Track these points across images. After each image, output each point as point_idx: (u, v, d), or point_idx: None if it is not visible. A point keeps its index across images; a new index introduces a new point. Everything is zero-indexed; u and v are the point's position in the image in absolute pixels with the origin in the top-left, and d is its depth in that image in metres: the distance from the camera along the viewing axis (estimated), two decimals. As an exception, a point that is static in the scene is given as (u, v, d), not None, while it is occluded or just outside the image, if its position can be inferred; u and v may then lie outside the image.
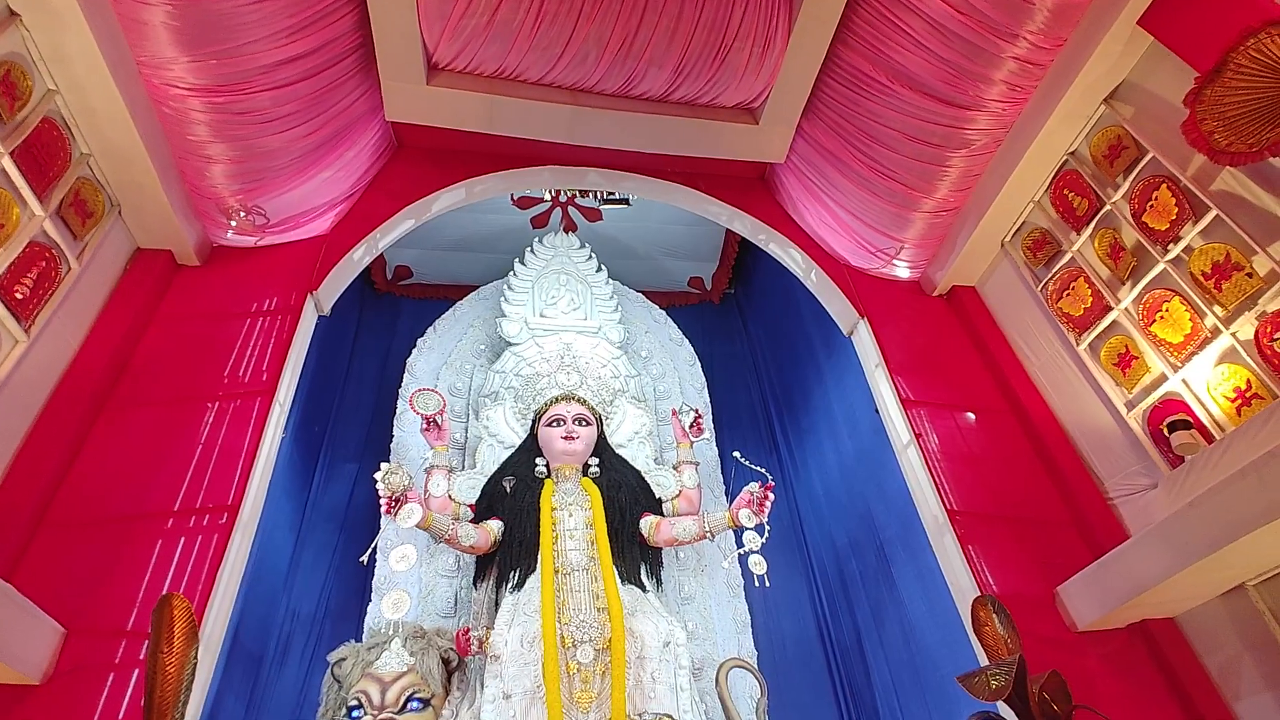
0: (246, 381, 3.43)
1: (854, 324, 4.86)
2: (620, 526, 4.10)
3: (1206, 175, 3.36)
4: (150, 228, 3.72)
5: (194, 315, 3.67)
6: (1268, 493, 2.46)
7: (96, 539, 2.79)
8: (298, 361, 3.78)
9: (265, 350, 3.57)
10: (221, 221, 3.90)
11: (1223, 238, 3.26)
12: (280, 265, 4.11)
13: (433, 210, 5.05)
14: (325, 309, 4.28)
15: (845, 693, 4.89)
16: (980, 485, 3.91)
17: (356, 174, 4.61)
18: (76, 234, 3.27)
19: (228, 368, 3.47)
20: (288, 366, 3.59)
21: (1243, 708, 2.95)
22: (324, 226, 4.46)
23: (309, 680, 4.03)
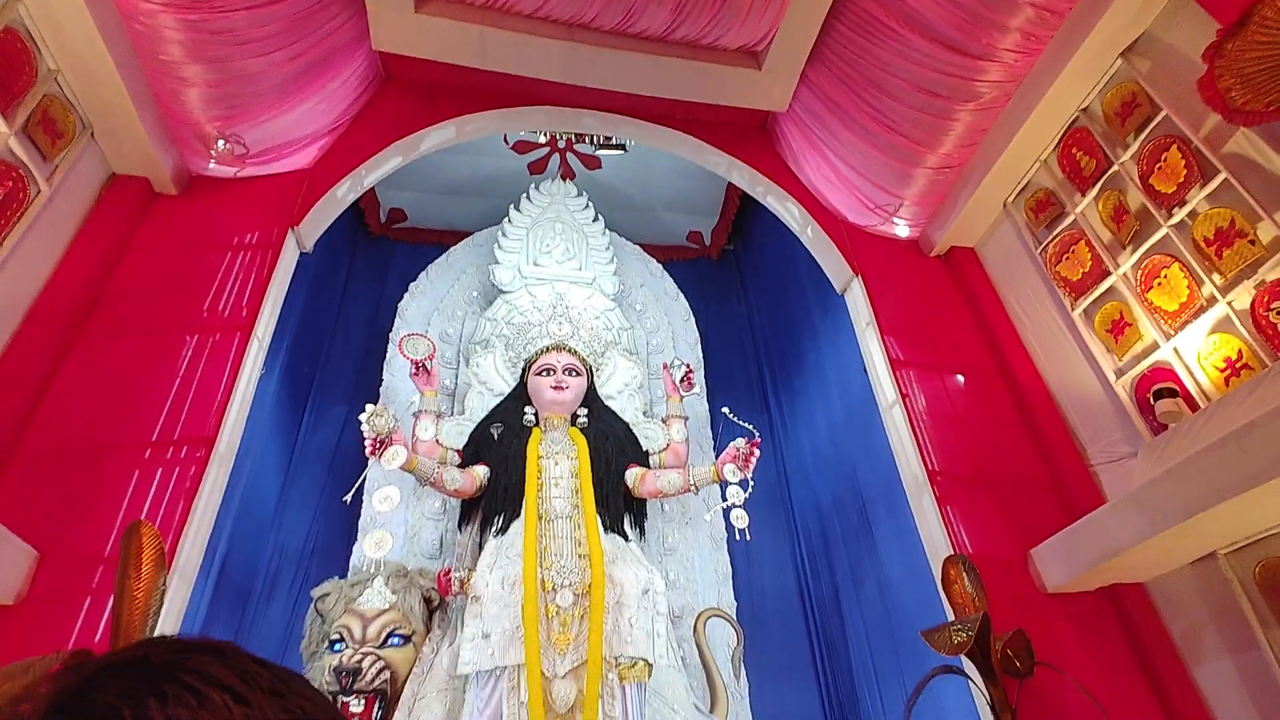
0: (226, 316, 3.40)
1: (848, 282, 4.79)
2: (605, 477, 4.12)
3: (1219, 137, 3.24)
4: (125, 153, 3.62)
5: (171, 245, 3.61)
6: (1246, 462, 2.43)
7: (72, 466, 2.81)
8: (278, 298, 3.73)
9: (245, 285, 3.52)
10: (199, 149, 3.80)
11: (1229, 203, 3.16)
12: (261, 198, 4.03)
13: (421, 148, 4.92)
14: (307, 246, 4.21)
15: (820, 645, 5.00)
16: (962, 448, 3.90)
17: (341, 106, 4.47)
18: (46, 155, 3.17)
19: (206, 301, 3.43)
20: (267, 302, 3.55)
21: (1202, 673, 2.99)
22: (306, 160, 4.34)
23: (295, 615, 4.12)
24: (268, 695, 0.36)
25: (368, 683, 3.34)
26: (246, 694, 0.35)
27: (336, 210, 4.50)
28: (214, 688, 0.34)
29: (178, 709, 0.33)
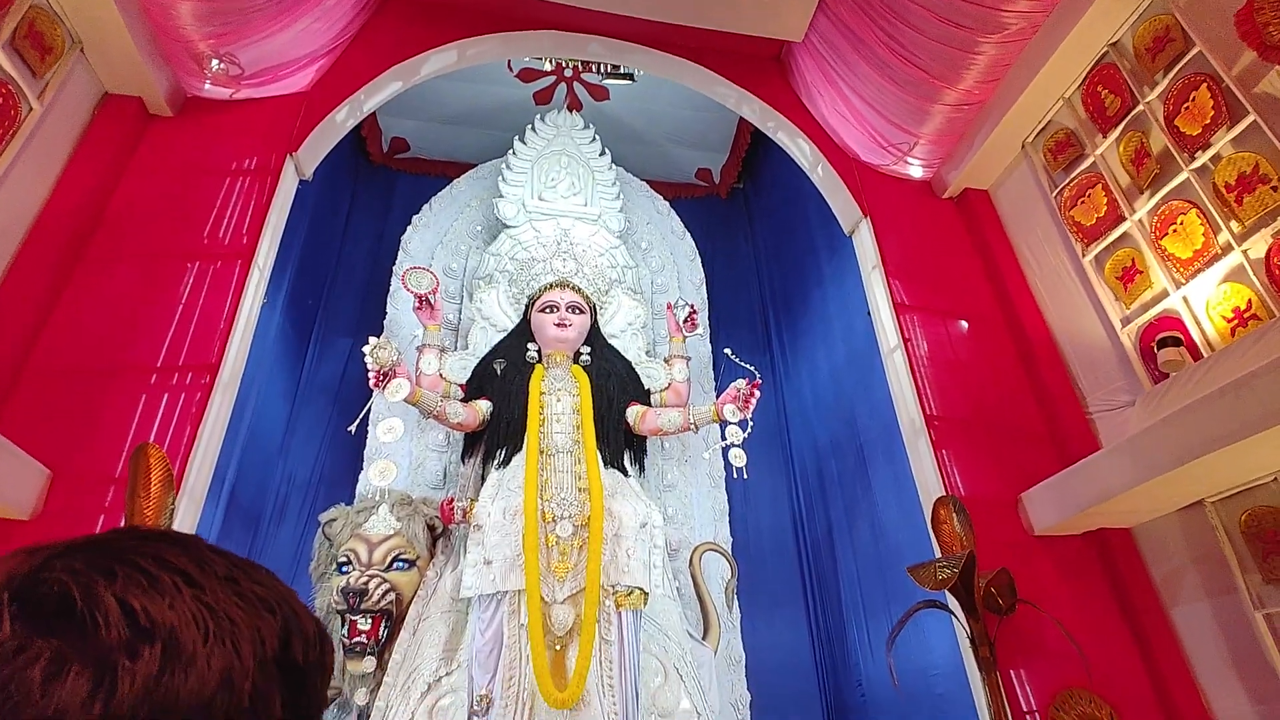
0: (226, 244, 3.38)
1: (856, 223, 4.70)
2: (607, 414, 4.17)
3: (1252, 76, 3.09)
4: (117, 70, 3.52)
5: (168, 169, 3.55)
6: (1242, 412, 2.43)
7: (79, 389, 2.86)
8: (278, 226, 3.70)
9: (245, 212, 3.49)
10: (194, 69, 3.69)
11: (1256, 146, 3.05)
12: (258, 122, 3.94)
13: (422, 73, 4.76)
14: (306, 173, 4.13)
15: (812, 580, 5.16)
16: (962, 392, 3.91)
17: (339, 25, 4.29)
18: (35, 70, 3.09)
19: (206, 228, 3.41)
20: (267, 230, 3.53)
21: (1178, 613, 3.08)
22: (303, 83, 4.21)
23: (304, 538, 4.27)
24: (221, 581, 0.36)
25: (374, 603, 3.49)
26: (199, 578, 0.36)
27: (336, 136, 4.39)
28: (166, 571, 0.35)
29: (127, 588, 0.33)
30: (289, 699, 0.36)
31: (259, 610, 0.37)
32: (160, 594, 0.34)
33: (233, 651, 0.34)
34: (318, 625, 0.41)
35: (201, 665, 0.32)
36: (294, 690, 0.36)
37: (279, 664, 0.36)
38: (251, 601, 0.37)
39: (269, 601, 0.38)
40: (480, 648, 3.38)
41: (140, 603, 0.33)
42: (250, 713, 0.34)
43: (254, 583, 0.39)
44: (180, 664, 0.32)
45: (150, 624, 0.32)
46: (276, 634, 0.37)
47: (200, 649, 0.33)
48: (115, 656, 0.31)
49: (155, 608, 0.33)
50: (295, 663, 0.37)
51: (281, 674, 0.36)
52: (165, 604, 0.33)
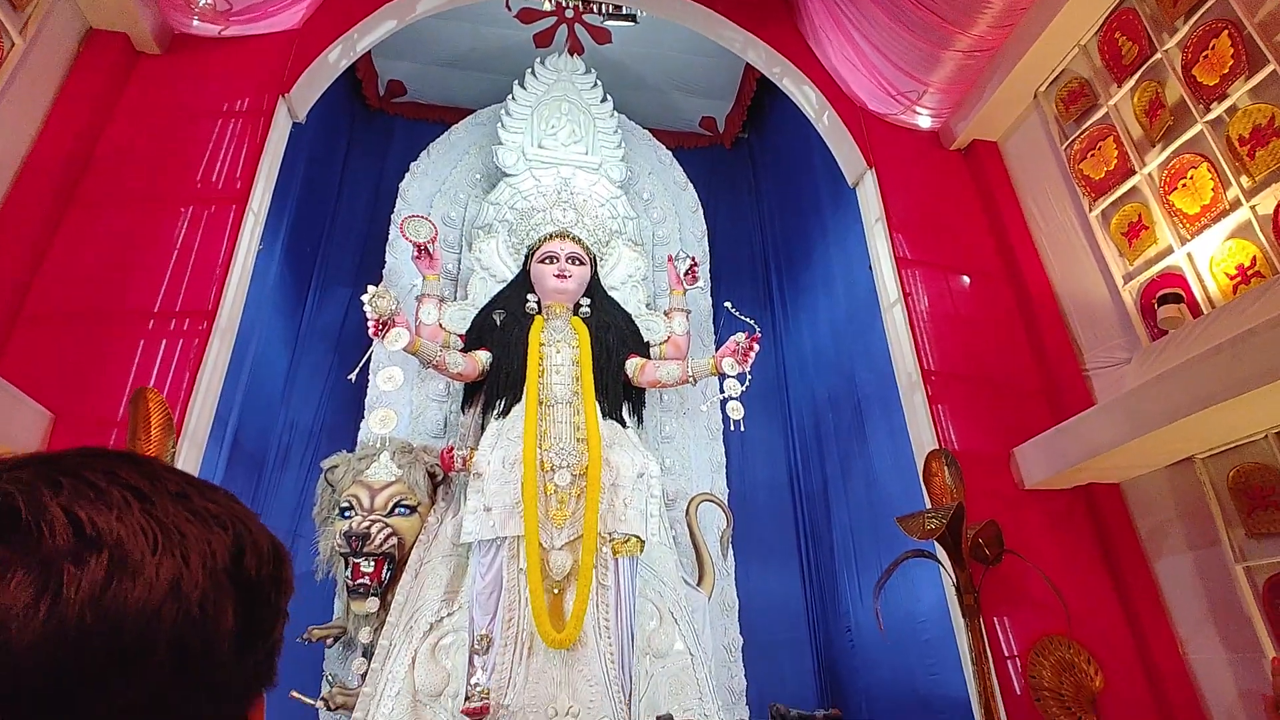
0: (220, 188, 3.33)
1: (860, 175, 4.61)
2: (606, 366, 4.18)
3: (1275, 23, 2.99)
4: (101, 5, 3.39)
5: (158, 109, 3.47)
6: (1238, 369, 2.43)
7: (77, 334, 2.86)
8: (272, 170, 3.64)
9: (238, 155, 3.42)
10: (180, 3, 3.56)
11: (1273, 98, 2.97)
12: (249, 61, 3.83)
13: (417, 10, 4.58)
14: (300, 115, 4.04)
15: (805, 531, 5.26)
16: (960, 348, 3.91)
17: (328, -42, 4.14)
18: (16, 4, 2.99)
19: (199, 171, 3.35)
20: (260, 174, 3.47)
21: (1161, 565, 3.15)
22: (294, 20, 4.07)
23: (307, 484, 4.34)
24: (172, 497, 0.36)
25: (376, 547, 3.58)
26: (150, 494, 0.35)
27: (329, 77, 4.27)
28: (115, 485, 0.34)
29: (74, 499, 0.33)
30: (242, 611, 0.36)
31: (210, 525, 0.36)
32: (108, 506, 0.33)
33: (181, 562, 0.34)
34: (273, 542, 0.40)
35: (149, 574, 0.32)
36: (247, 603, 0.36)
37: (231, 577, 0.36)
38: (203, 517, 0.37)
39: (221, 518, 0.38)
40: (480, 590, 3.47)
41: (87, 513, 0.32)
42: (200, 622, 0.33)
43: (207, 500, 0.38)
44: (127, 573, 0.32)
45: (96, 533, 0.32)
46: (228, 548, 0.36)
47: (148, 559, 0.33)
48: (60, 563, 0.31)
49: (102, 519, 0.33)
50: (248, 576, 0.37)
51: (234, 587, 0.36)
52: (113, 516, 0.33)
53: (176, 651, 0.32)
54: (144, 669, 0.31)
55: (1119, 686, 3.03)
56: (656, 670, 3.47)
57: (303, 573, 3.90)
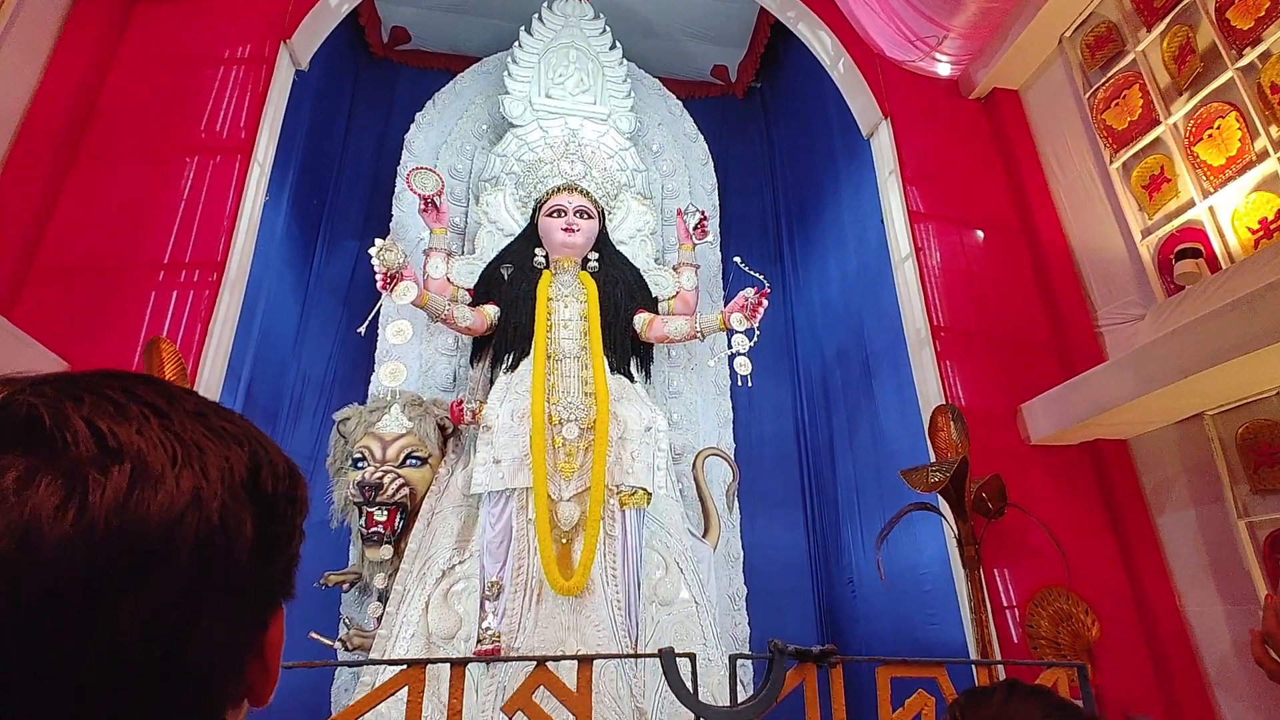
0: (224, 137, 3.30)
1: (876, 125, 4.48)
2: (614, 321, 4.19)
3: (1316, -38, 2.85)
4: (95, -52, 3.31)
5: (158, 58, 3.40)
6: (1253, 324, 2.40)
7: (88, 286, 2.88)
8: (276, 119, 3.59)
9: (241, 104, 3.37)
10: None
11: (1309, 43, 2.85)
12: (248, 6, 3.72)
13: (421, -49, 4.44)
14: (303, 62, 3.96)
15: (811, 485, 5.32)
16: (971, 304, 3.87)
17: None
18: (8, -48, 2.92)
19: (203, 121, 3.31)
20: (264, 123, 3.42)
21: (1163, 520, 3.18)
22: (293, -39, 3.96)
23: (320, 436, 4.42)
24: (190, 415, 0.37)
25: (389, 497, 3.67)
26: (167, 410, 0.36)
27: (331, 22, 4.16)
28: (134, 402, 0.36)
29: (95, 412, 0.34)
30: (259, 524, 0.37)
31: (227, 442, 0.37)
32: (128, 420, 0.34)
33: (200, 475, 0.35)
34: (289, 463, 0.41)
35: (170, 485, 0.33)
36: (265, 517, 0.37)
37: (248, 491, 0.37)
38: (220, 434, 0.38)
39: (238, 436, 0.38)
40: (490, 539, 3.56)
41: (108, 425, 0.33)
42: (220, 531, 0.35)
43: (223, 420, 0.39)
44: (149, 483, 0.33)
45: (118, 445, 0.33)
46: (245, 464, 0.37)
47: (169, 470, 0.34)
48: (85, 470, 0.32)
49: (123, 431, 0.34)
50: (265, 491, 0.38)
51: (252, 501, 0.37)
52: (133, 429, 0.34)
53: (199, 557, 0.33)
54: (169, 572, 0.32)
55: (1115, 636, 3.09)
56: (662, 617, 3.56)
57: (318, 521, 4.00)
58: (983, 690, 0.59)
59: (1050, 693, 0.59)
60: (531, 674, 1.77)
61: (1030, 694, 0.58)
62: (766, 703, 1.72)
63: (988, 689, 0.59)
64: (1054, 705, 0.57)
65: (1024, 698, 0.58)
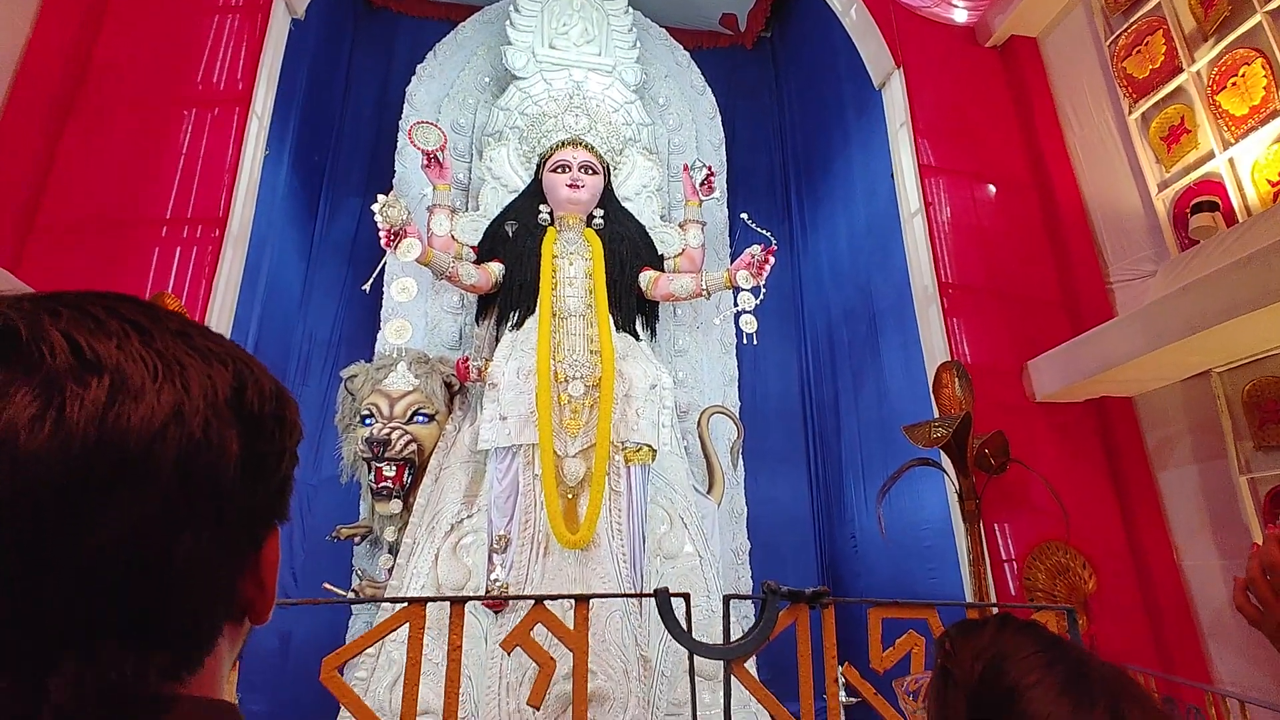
0: (221, 89, 3.24)
1: (888, 74, 4.35)
2: (619, 278, 4.17)
3: (1356, -104, 2.70)
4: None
5: (153, 7, 3.29)
6: (1269, 279, 2.35)
7: (92, 242, 2.88)
8: (273, 70, 3.51)
9: (237, 54, 3.30)
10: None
11: (1343, -16, 2.72)
12: (241, -48, 3.63)
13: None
14: (299, 11, 3.85)
15: (815, 443, 5.35)
16: (980, 260, 3.81)
17: None
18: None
19: (199, 72, 3.25)
20: (262, 74, 3.35)
21: (1165, 476, 3.19)
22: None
23: (329, 393, 4.46)
24: (173, 334, 0.36)
25: (397, 452, 3.73)
26: (149, 327, 0.35)
27: (326, -31, 4.04)
28: (115, 318, 0.35)
29: (73, 327, 0.33)
30: (245, 442, 0.36)
31: (211, 361, 0.37)
32: (107, 336, 0.34)
33: (182, 391, 0.34)
34: (276, 384, 0.40)
35: (151, 399, 0.33)
36: (250, 435, 0.37)
37: (233, 410, 0.36)
38: (204, 353, 0.37)
39: (222, 355, 0.38)
40: (498, 494, 3.63)
41: (86, 340, 0.33)
42: (203, 445, 0.34)
43: (208, 340, 0.38)
44: (129, 396, 0.32)
45: (96, 358, 0.32)
46: (229, 382, 0.37)
47: (149, 385, 0.33)
48: (63, 382, 0.31)
49: (102, 346, 0.33)
50: (250, 410, 0.37)
51: (236, 419, 0.36)
52: (113, 344, 0.33)
53: (181, 472, 0.33)
54: (149, 485, 0.32)
55: (1111, 589, 3.13)
56: (666, 570, 3.64)
57: (329, 476, 4.08)
58: (974, 623, 0.60)
59: (1043, 628, 0.60)
60: (530, 612, 1.82)
61: (1023, 628, 0.59)
62: (759, 641, 1.77)
63: (980, 621, 0.60)
64: (1046, 639, 0.57)
65: (1016, 631, 0.58)
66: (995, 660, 0.55)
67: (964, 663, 0.56)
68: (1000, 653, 0.55)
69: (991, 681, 0.54)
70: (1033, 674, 0.53)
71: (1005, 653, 0.55)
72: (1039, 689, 0.52)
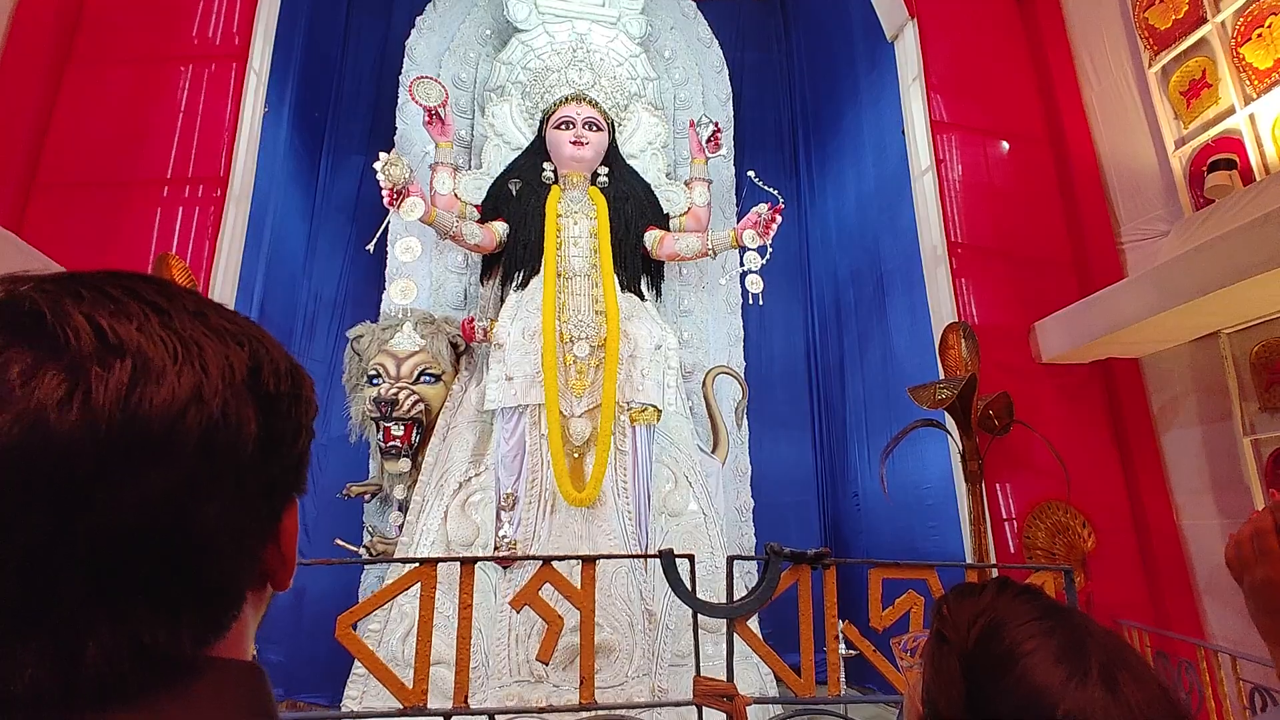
0: (218, 44, 3.16)
1: (901, 26, 4.21)
2: (624, 238, 4.13)
3: None
4: None
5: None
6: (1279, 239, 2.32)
7: (94, 201, 2.86)
8: (269, 23, 3.43)
9: (233, 8, 3.21)
10: None
11: (1380, -71, 2.61)
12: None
13: None
14: (294, -38, 3.75)
15: (820, 403, 5.38)
16: (990, 220, 3.76)
17: None
18: None
19: (194, 27, 3.17)
20: (258, 29, 3.27)
21: (1168, 437, 3.20)
22: None
23: (335, 353, 4.48)
24: (190, 314, 0.37)
25: (405, 412, 3.77)
26: (168, 308, 0.36)
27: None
28: (134, 299, 0.36)
29: (94, 308, 0.34)
30: (263, 420, 0.38)
31: (227, 341, 0.38)
32: (128, 318, 0.35)
33: (201, 371, 0.35)
34: (291, 361, 0.42)
35: (172, 381, 0.34)
36: (267, 413, 0.38)
37: (250, 389, 0.37)
38: (220, 333, 0.38)
39: (238, 335, 0.39)
40: (505, 453, 3.67)
41: (108, 322, 0.34)
42: (222, 424, 0.35)
43: (223, 319, 0.39)
44: (151, 378, 0.33)
45: (119, 341, 0.34)
46: (245, 362, 0.38)
47: (170, 367, 0.34)
48: (88, 365, 0.32)
49: (123, 328, 0.34)
50: (266, 390, 0.38)
51: (253, 398, 0.37)
52: (133, 326, 0.34)
53: (202, 450, 0.35)
54: (174, 461, 0.34)
55: (1110, 547, 3.18)
56: (671, 528, 3.71)
57: (338, 435, 4.13)
58: (972, 586, 0.60)
59: (1041, 592, 0.61)
60: (537, 571, 1.87)
61: (1021, 592, 0.59)
62: (761, 600, 1.82)
63: (977, 585, 0.60)
64: (1045, 605, 0.58)
65: (1014, 596, 0.59)
66: (992, 625, 0.55)
67: (960, 626, 0.56)
68: (998, 618, 0.56)
69: (987, 645, 0.54)
70: (1030, 640, 0.53)
71: (1002, 618, 0.56)
72: (1035, 656, 0.52)
